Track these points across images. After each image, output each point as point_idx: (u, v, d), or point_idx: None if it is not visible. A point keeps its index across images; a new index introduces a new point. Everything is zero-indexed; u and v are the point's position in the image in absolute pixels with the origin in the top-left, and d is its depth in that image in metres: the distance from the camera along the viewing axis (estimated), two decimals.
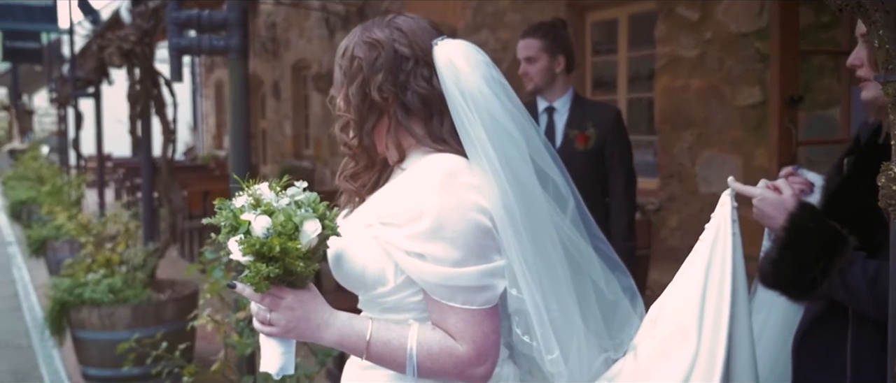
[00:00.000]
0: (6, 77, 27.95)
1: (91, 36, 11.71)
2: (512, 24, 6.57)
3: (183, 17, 3.46)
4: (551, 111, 3.44)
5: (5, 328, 6.88)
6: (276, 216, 1.41)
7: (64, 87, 14.01)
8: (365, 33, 1.56)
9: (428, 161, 1.52)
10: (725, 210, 1.69)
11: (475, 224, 1.45)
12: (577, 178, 3.47)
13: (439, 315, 1.47)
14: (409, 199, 1.46)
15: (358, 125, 1.56)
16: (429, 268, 1.44)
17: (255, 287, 1.43)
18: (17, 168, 15.27)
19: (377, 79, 1.53)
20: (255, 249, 1.40)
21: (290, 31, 11.79)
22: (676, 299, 1.66)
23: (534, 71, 3.37)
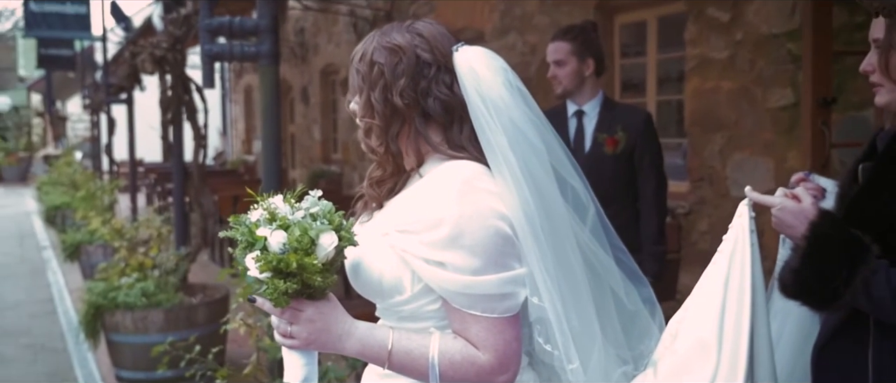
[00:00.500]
0: (40, 84, 28.42)
1: (123, 43, 11.89)
2: (540, 26, 6.56)
3: (214, 24, 3.50)
4: (581, 115, 3.42)
5: (41, 331, 6.99)
6: (291, 230, 1.40)
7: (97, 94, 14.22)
8: (384, 38, 1.55)
9: (446, 168, 1.51)
10: (743, 220, 1.67)
11: (495, 231, 1.44)
12: (607, 182, 3.48)
13: (461, 323, 1.46)
14: (427, 207, 1.45)
15: (383, 131, 1.55)
16: (448, 276, 1.43)
17: (274, 302, 1.43)
18: (52, 173, 15.53)
19: (399, 84, 1.51)
20: (272, 266, 1.39)
21: (318, 36, 11.86)
22: (696, 313, 1.65)
23: (563, 74, 3.36)
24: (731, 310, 1.60)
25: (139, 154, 11.82)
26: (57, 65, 19.04)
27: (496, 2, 7.18)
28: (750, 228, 1.65)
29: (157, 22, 6.49)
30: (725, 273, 1.64)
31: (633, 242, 3.39)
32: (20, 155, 25.33)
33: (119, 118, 12.96)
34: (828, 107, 3.52)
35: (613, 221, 3.45)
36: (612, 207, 3.38)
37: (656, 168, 3.39)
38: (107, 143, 13.36)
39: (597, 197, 3.48)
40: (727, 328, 1.59)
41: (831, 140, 3.52)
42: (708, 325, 1.61)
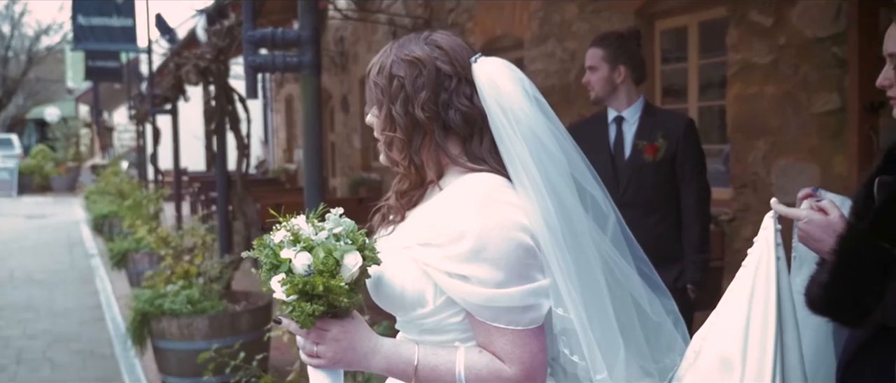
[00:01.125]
0: (88, 95, 29.07)
1: (168, 54, 12.10)
2: (579, 33, 6.54)
3: (257, 36, 3.55)
4: (620, 121, 3.41)
5: (90, 337, 7.14)
6: (315, 252, 1.40)
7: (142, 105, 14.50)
8: (402, 51, 1.55)
9: (466, 181, 1.51)
10: (768, 233, 1.65)
11: (517, 243, 1.44)
12: (647, 189, 3.45)
13: (485, 336, 1.46)
14: (449, 220, 1.45)
15: (406, 144, 1.54)
16: (472, 289, 1.42)
17: (301, 324, 1.43)
18: (99, 183, 15.86)
19: (421, 97, 1.51)
20: (298, 289, 1.39)
21: (358, 45, 11.96)
22: (719, 329, 1.63)
23: (594, 80, 3.38)
24: (755, 326, 1.58)
25: (183, 163, 12.02)
26: (104, 76, 19.47)
27: (535, 9, 7.17)
28: (775, 241, 1.63)
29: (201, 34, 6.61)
30: (750, 288, 1.61)
31: (676, 250, 3.36)
32: (69, 165, 25.89)
33: (164, 128, 13.20)
34: (875, 112, 3.46)
35: (655, 229, 3.46)
36: (654, 215, 3.38)
37: (698, 175, 3.35)
38: (152, 153, 13.61)
39: (638, 204, 3.48)
40: (752, 344, 1.57)
41: (879, 145, 3.46)
42: (731, 342, 1.58)
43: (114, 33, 12.98)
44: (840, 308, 1.61)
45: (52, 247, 12.75)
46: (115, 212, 11.37)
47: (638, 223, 3.35)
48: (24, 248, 12.58)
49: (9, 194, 22.16)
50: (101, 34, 12.95)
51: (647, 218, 3.34)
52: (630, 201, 3.36)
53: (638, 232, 3.46)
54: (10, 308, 8.32)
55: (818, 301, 1.63)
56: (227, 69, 6.10)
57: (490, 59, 1.57)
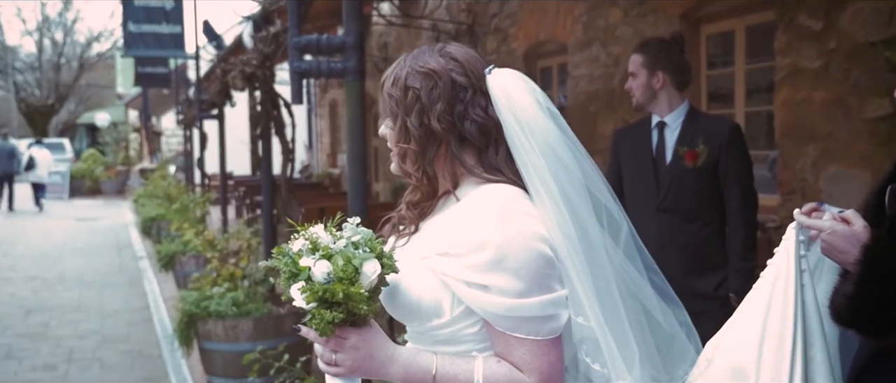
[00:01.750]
0: (137, 100, 29.68)
1: (215, 60, 12.29)
2: (623, 38, 6.50)
3: (303, 42, 3.60)
4: (662, 127, 3.39)
5: (138, 338, 7.28)
6: (334, 260, 1.41)
7: (190, 110, 14.76)
8: (417, 63, 1.56)
9: (484, 191, 1.52)
10: (789, 244, 1.62)
11: (537, 253, 1.45)
12: (688, 196, 3.42)
13: (504, 346, 1.47)
14: (468, 231, 1.46)
15: (420, 155, 1.55)
16: (492, 299, 1.43)
17: (320, 332, 1.43)
18: (148, 186, 16.15)
19: (436, 108, 1.52)
20: (318, 296, 1.40)
21: (401, 51, 11.98)
22: (733, 339, 1.61)
23: (635, 86, 3.40)
24: (771, 338, 1.56)
25: (229, 167, 12.19)
26: (153, 82, 19.85)
27: (579, 13, 7.14)
28: (797, 253, 1.60)
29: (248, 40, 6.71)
30: (767, 299, 1.59)
31: (719, 257, 3.32)
32: (118, 168, 26.40)
33: (210, 133, 13.41)
34: None
35: (697, 235, 3.43)
36: (696, 221, 3.35)
37: (741, 181, 3.30)
38: (199, 157, 13.83)
39: (678, 210, 3.45)
40: (766, 356, 1.55)
41: None
42: (746, 352, 1.57)
43: (163, 40, 13.24)
44: (866, 320, 1.57)
45: (101, 250, 13.02)
46: (162, 216, 11.57)
47: (679, 229, 3.36)
48: (75, 250, 12.87)
49: (61, 197, 22.69)
50: (150, 41, 13.21)
51: (689, 224, 3.31)
52: (670, 207, 3.33)
53: (679, 238, 3.45)
54: (61, 308, 8.51)
55: (844, 313, 1.60)
56: (273, 75, 6.17)
57: (504, 70, 1.58)
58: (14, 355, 6.72)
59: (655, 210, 3.36)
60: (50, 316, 8.18)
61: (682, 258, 3.27)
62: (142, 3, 12.96)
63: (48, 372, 6.23)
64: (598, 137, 6.94)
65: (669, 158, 3.35)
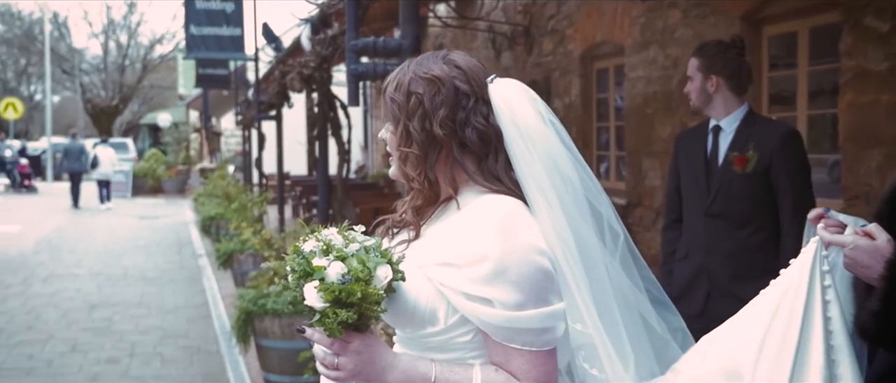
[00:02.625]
0: (198, 101, 30.28)
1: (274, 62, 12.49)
2: (682, 39, 6.41)
3: (360, 45, 3.64)
4: (717, 131, 3.35)
5: (197, 334, 7.43)
6: (349, 262, 1.42)
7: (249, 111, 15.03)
8: (420, 69, 1.58)
9: (485, 203, 1.53)
10: (806, 258, 1.60)
11: (537, 267, 1.47)
12: (738, 201, 3.37)
13: (503, 356, 1.49)
14: (469, 242, 1.47)
15: (422, 160, 1.56)
16: (491, 311, 1.44)
17: (330, 332, 1.44)
18: (207, 186, 16.48)
19: (439, 114, 1.53)
20: (334, 295, 1.40)
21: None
22: (731, 338, 1.60)
23: (690, 89, 3.39)
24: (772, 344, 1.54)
25: (286, 168, 12.37)
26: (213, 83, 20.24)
27: (637, 15, 7.07)
28: (820, 268, 1.58)
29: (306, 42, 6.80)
30: (774, 306, 1.58)
31: (770, 264, 3.24)
32: (179, 168, 27.00)
33: (268, 133, 13.65)
34: None
35: (747, 241, 3.38)
36: (746, 227, 3.29)
37: (795, 187, 3.21)
38: (257, 157, 14.08)
39: (727, 216, 3.40)
40: (764, 361, 1.54)
41: None
42: (744, 352, 1.56)
43: (223, 42, 13.49)
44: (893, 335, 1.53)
45: (162, 247, 13.34)
46: (221, 214, 11.79)
47: (727, 235, 3.31)
48: (137, 247, 13.21)
49: (124, 195, 23.30)
50: (211, 43, 13.48)
51: (739, 230, 3.27)
52: (718, 212, 3.29)
53: (727, 243, 3.39)
54: (124, 304, 8.74)
55: (871, 331, 1.55)
56: (330, 77, 6.26)
57: (505, 80, 1.61)
58: (79, 348, 6.93)
59: (704, 214, 3.34)
60: (113, 311, 8.41)
61: (730, 264, 3.24)
62: (203, 7, 13.23)
63: (112, 366, 6.41)
64: (656, 140, 6.86)
65: (721, 163, 3.31)
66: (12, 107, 25.30)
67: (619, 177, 7.96)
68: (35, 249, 13.02)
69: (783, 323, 1.56)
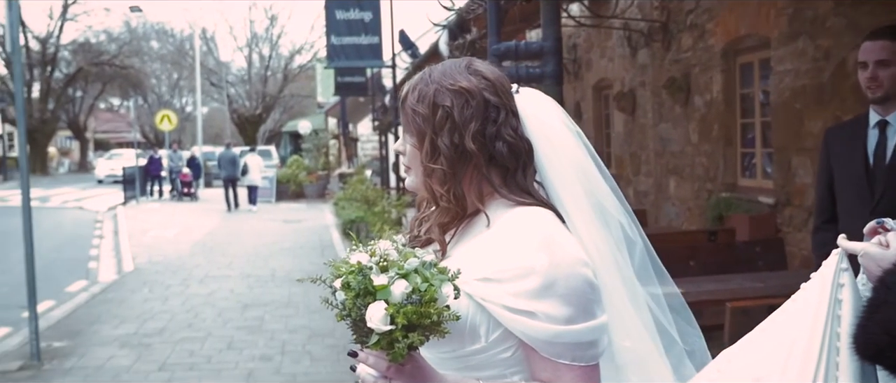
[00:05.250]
0: (335, 108, 31.34)
1: (411, 68, 12.76)
2: (834, 29, 6.09)
3: (502, 49, 3.68)
4: (883, 125, 3.14)
5: (343, 333, 7.65)
6: (411, 279, 1.32)
7: (385, 116, 15.44)
8: (446, 80, 1.51)
9: (519, 216, 1.47)
10: (827, 271, 1.51)
11: (583, 279, 1.41)
12: None
13: (552, 372, 1.43)
14: (511, 257, 1.42)
15: (450, 175, 1.49)
16: (539, 325, 1.39)
17: (393, 357, 1.33)
18: (347, 190, 17.03)
19: (470, 128, 1.47)
20: (409, 318, 1.29)
21: (591, 52, 11.92)
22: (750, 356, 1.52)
23: (885, 76, 3.07)
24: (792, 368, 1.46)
25: None
26: (351, 91, 20.92)
27: (784, 5, 6.77)
28: (837, 281, 1.49)
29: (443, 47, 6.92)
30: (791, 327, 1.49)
31: None
32: (319, 173, 27.98)
33: None
34: None
35: None
36: None
37: None
38: (394, 162, 14.41)
39: None
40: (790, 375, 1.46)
41: None
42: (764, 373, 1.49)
43: (362, 50, 13.93)
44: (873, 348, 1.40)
45: (306, 250, 13.89)
46: (361, 218, 12.16)
47: None
48: (283, 250, 13.81)
49: (269, 200, 24.40)
50: (350, 52, 13.95)
51: None
52: (886, 211, 3.09)
53: None
54: (273, 304, 9.17)
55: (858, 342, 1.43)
56: None
57: (530, 90, 1.57)
58: (235, 346, 7.33)
59: (868, 214, 3.14)
60: (264, 310, 8.83)
61: None
62: (343, 17, 13.71)
63: (265, 363, 6.74)
64: (805, 135, 6.55)
65: (888, 160, 3.10)
66: (167, 118, 27.01)
67: (765, 175, 7.65)
68: (191, 252, 13.86)
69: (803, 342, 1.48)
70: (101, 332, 7.87)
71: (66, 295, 10.08)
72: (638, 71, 10.01)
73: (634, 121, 10.37)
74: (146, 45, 49.32)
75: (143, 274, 11.54)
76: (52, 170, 47.53)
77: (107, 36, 46.84)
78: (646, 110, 9.94)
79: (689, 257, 5.67)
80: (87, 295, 9.88)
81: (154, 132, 44.73)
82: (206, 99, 48.41)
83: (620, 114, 10.80)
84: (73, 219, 20.35)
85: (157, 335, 7.74)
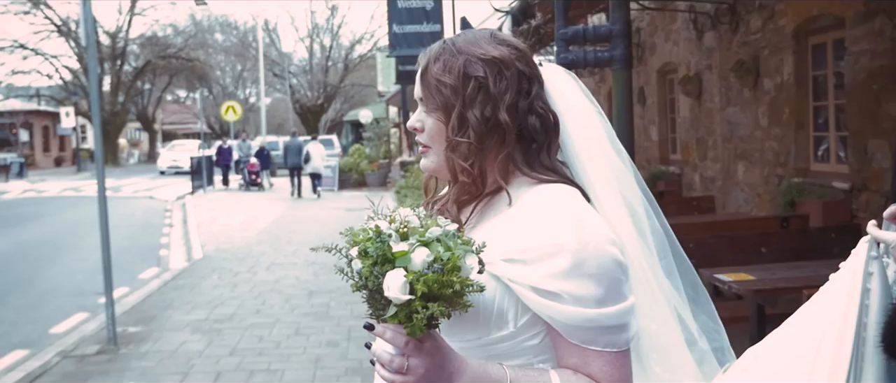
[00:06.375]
0: (396, 97, 31.47)
1: None
2: None
3: (569, 33, 3.64)
4: None
5: None
6: (433, 247, 1.22)
7: None
8: (475, 49, 1.41)
9: (544, 193, 1.39)
10: (857, 261, 1.41)
11: (613, 258, 1.33)
12: None
13: (581, 359, 1.34)
14: (537, 235, 1.33)
15: (477, 150, 1.41)
16: (569, 309, 1.31)
17: (411, 331, 1.23)
18: (408, 178, 17.13)
19: (506, 99, 1.39)
20: (429, 286, 1.20)
21: (655, 36, 11.72)
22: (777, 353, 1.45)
23: None
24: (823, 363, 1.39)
25: None
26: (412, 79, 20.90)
27: None
28: (866, 270, 1.40)
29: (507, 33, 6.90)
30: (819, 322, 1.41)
31: None
32: (380, 162, 28.18)
33: None
34: None
35: None
36: None
37: None
38: None
39: None
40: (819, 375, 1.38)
41: None
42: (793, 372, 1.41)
43: (423, 38, 13.97)
44: None
45: None
46: None
47: None
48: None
49: (331, 189, 24.71)
50: (412, 40, 14.00)
51: None
52: None
53: None
54: (338, 291, 9.28)
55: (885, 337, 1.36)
56: None
57: (552, 65, 1.50)
58: (303, 332, 7.45)
59: None
60: (330, 297, 8.95)
61: None
62: (405, 5, 13.77)
63: (332, 349, 6.83)
64: (883, 118, 6.33)
65: None
66: (232, 109, 27.54)
67: (839, 159, 7.43)
68: (257, 239, 14.12)
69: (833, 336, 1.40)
70: (174, 318, 8.08)
71: (139, 281, 10.38)
72: (704, 54, 9.80)
73: (701, 106, 10.17)
74: (211, 37, 50.32)
75: (211, 261, 11.80)
76: (122, 161, 49.02)
77: (173, 29, 48.03)
78: (712, 94, 9.74)
79: (760, 244, 5.54)
80: (159, 282, 10.15)
81: (219, 123, 45.69)
82: (268, 89, 49.19)
83: (686, 99, 10.60)
84: (144, 208, 20.94)
85: (227, 321, 7.91)
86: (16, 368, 6.58)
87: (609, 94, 14.29)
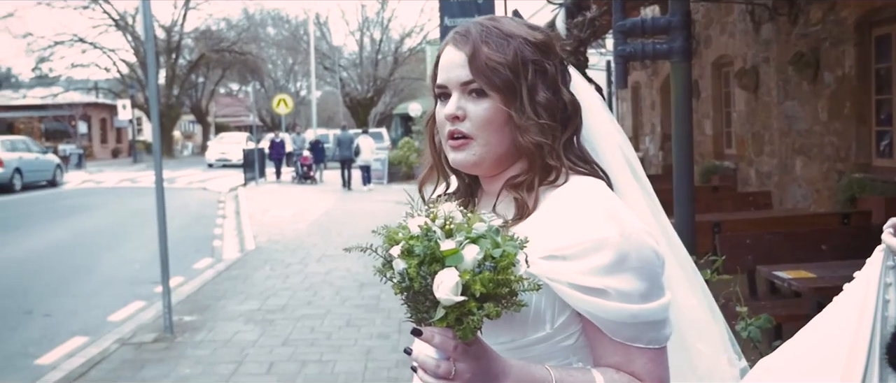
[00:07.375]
0: None
1: None
2: None
3: (627, 25, 3.59)
4: None
5: None
6: (481, 244, 1.15)
7: None
8: (521, 31, 1.35)
9: (576, 185, 1.34)
10: (873, 270, 1.38)
11: (653, 251, 1.30)
12: None
13: (624, 356, 1.31)
14: (575, 229, 1.27)
15: (554, 128, 1.36)
16: (614, 305, 1.26)
17: (463, 334, 1.15)
18: None
19: (560, 82, 1.36)
20: (485, 286, 1.13)
21: (710, 28, 11.51)
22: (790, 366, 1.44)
23: None
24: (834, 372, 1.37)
25: None
26: None
27: None
28: (883, 280, 1.37)
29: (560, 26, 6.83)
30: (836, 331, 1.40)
31: None
32: None
33: None
34: None
35: None
36: None
37: None
38: None
39: None
40: None
41: None
42: None
43: None
44: None
45: None
46: None
47: None
48: None
49: (381, 181, 24.85)
50: None
51: None
52: None
53: None
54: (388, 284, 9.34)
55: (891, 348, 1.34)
56: (587, 60, 6.22)
57: None
58: (353, 323, 7.50)
59: None
60: (380, 290, 8.99)
61: None
62: None
63: (382, 341, 6.87)
64: None
65: None
66: (284, 102, 27.86)
67: None
68: (308, 231, 14.26)
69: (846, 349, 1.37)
70: (228, 308, 8.21)
71: (193, 271, 10.57)
72: (761, 46, 9.60)
73: (757, 100, 9.96)
74: (263, 31, 50.92)
75: (263, 252, 11.96)
76: (176, 153, 49.95)
77: (226, 23, 48.76)
78: (770, 88, 9.53)
79: (820, 241, 5.41)
80: (213, 273, 10.33)
81: (270, 115, 46.23)
82: (319, 83, 49.61)
83: (742, 93, 10.40)
84: (198, 200, 21.32)
85: (279, 311, 8.01)
86: (76, 354, 6.75)
87: (661, 86, 14.09)
